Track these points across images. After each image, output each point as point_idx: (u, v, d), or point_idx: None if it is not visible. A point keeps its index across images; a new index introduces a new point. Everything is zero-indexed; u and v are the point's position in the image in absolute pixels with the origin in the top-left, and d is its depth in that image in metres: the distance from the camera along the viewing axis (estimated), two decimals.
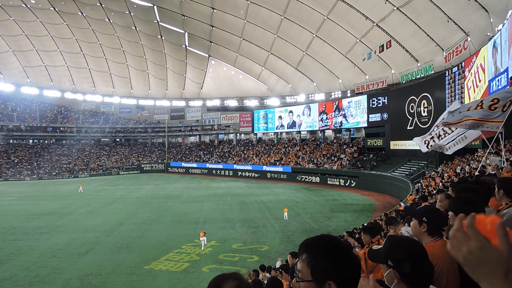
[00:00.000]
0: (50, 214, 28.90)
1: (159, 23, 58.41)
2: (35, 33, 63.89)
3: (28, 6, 57.66)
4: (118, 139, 79.33)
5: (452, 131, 8.61)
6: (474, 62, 26.85)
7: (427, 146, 9.58)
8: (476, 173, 10.09)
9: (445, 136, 8.85)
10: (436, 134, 9.08)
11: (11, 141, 69.56)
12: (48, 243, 20.23)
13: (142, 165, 70.77)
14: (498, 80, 21.86)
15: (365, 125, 48.01)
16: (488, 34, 27.61)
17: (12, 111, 70.36)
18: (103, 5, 56.23)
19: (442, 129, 8.76)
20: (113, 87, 77.50)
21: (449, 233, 1.07)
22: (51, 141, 72.89)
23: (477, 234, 1.00)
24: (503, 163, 10.07)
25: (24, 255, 18.14)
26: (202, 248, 18.68)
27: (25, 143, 70.53)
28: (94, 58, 70.01)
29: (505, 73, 20.47)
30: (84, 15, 59.38)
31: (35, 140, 72.15)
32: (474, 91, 26.50)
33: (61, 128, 72.87)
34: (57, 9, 58.39)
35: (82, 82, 75.49)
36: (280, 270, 9.82)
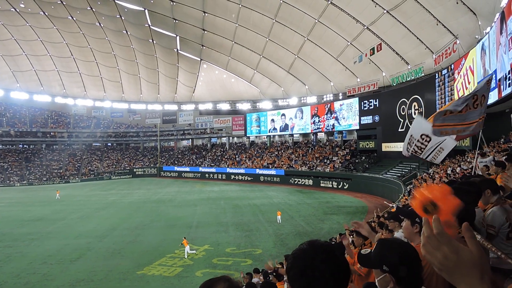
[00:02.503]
0: (40, 220, 28.52)
1: (151, 27, 58.26)
2: (24, 38, 63.26)
3: (18, 10, 57.09)
4: (109, 144, 78.66)
5: (427, 144, 8.25)
6: (463, 64, 27.21)
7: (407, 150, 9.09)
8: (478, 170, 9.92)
9: (423, 149, 8.48)
10: (415, 146, 8.62)
11: (1, 146, 68.58)
12: (39, 249, 19.94)
13: (134, 170, 70.24)
14: None
15: (357, 127, 48.30)
16: (477, 36, 28.06)
17: (2, 116, 69.38)
18: (93, 9, 55.94)
19: (418, 141, 8.34)
20: (104, 92, 76.96)
21: (421, 239, 1.09)
22: (42, 146, 72.06)
23: (448, 239, 1.03)
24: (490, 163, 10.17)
25: (14, 262, 17.85)
26: (186, 256, 18.16)
27: (15, 149, 69.60)
28: (85, 62, 69.48)
29: (494, 75, 20.76)
30: (75, 19, 58.97)
31: (25, 146, 71.22)
32: (464, 93, 26.83)
33: (51, 133, 72.02)
34: (47, 14, 57.92)
35: (72, 87, 74.82)
36: (274, 274, 9.82)
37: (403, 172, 36.68)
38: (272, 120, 62.54)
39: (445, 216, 1.22)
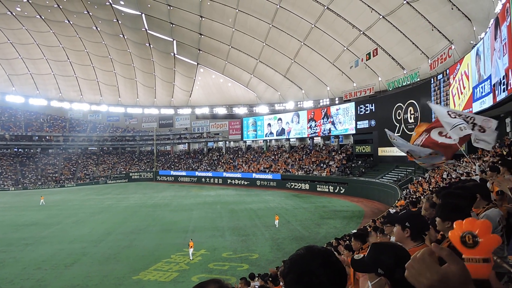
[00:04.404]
0: (35, 224, 28.29)
1: (147, 31, 58.30)
2: (20, 41, 63.09)
3: (14, 14, 56.99)
4: (105, 148, 78.35)
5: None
6: (458, 69, 27.42)
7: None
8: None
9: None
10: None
11: None
12: (33, 254, 19.77)
13: (130, 174, 69.95)
14: (481, 87, 22.34)
15: (353, 132, 48.44)
16: (471, 42, 28.30)
17: None
18: (90, 13, 55.92)
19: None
20: (101, 95, 76.80)
21: (407, 263, 1.09)
22: (37, 150, 71.60)
23: (433, 266, 1.03)
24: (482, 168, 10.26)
25: (8, 267, 17.67)
26: (191, 258, 18.45)
27: (10, 152, 69.10)
28: (81, 66, 69.34)
29: (488, 80, 20.94)
30: (71, 23, 58.92)
31: (20, 149, 70.74)
32: (459, 98, 27.03)
33: (47, 137, 71.69)
34: (43, 17, 57.84)
35: (69, 91, 74.60)
36: (270, 279, 9.78)
37: (399, 177, 36.79)
38: (269, 125, 62.61)
39: (484, 252, 1.22)
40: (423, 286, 1.03)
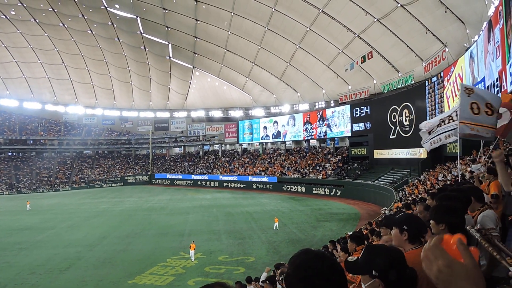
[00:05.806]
0: (29, 229, 28.03)
1: (143, 34, 58.25)
2: (15, 45, 62.81)
3: (8, 17, 56.74)
4: (100, 151, 77.98)
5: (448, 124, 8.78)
6: (452, 72, 27.62)
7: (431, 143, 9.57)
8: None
9: (445, 124, 8.91)
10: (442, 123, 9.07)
11: None
12: (27, 259, 19.57)
13: (126, 177, 69.61)
14: None
15: (349, 134, 48.58)
16: (465, 45, 28.56)
17: None
18: (85, 17, 55.79)
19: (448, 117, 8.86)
20: (96, 99, 76.51)
21: (421, 253, 1.14)
22: (32, 154, 71.15)
23: (443, 253, 1.07)
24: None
25: (2, 272, 17.47)
26: (193, 260, 18.49)
27: (4, 156, 68.61)
28: (76, 69, 69.09)
29: (482, 82, 21.09)
30: (66, 26, 58.73)
31: (14, 153, 70.28)
32: (453, 100, 27.19)
33: (41, 141, 71.23)
34: (38, 21, 57.61)
35: (63, 94, 74.27)
36: (267, 281, 9.76)
37: (395, 179, 36.89)
38: (265, 127, 62.64)
39: None
40: (432, 274, 1.06)
